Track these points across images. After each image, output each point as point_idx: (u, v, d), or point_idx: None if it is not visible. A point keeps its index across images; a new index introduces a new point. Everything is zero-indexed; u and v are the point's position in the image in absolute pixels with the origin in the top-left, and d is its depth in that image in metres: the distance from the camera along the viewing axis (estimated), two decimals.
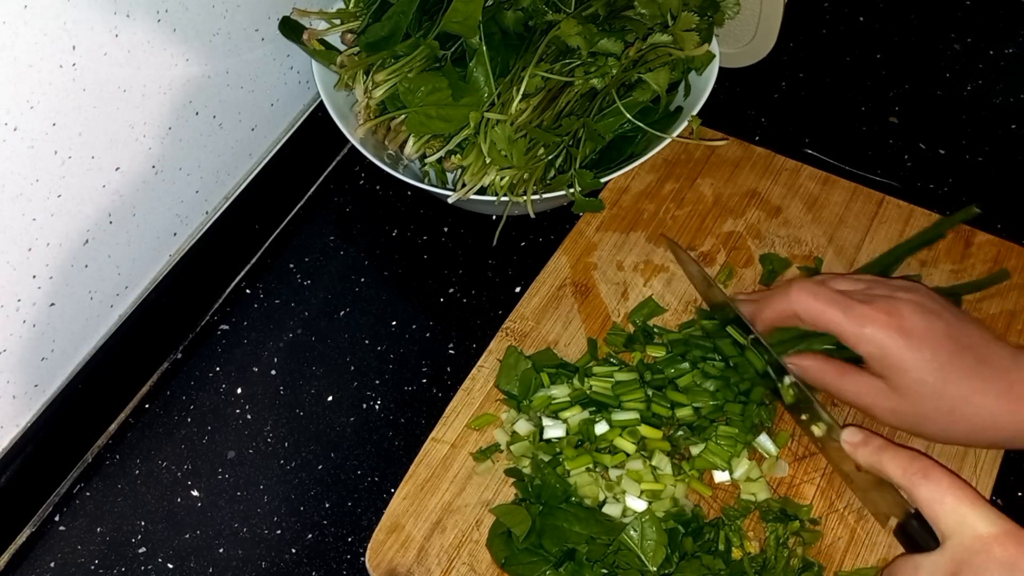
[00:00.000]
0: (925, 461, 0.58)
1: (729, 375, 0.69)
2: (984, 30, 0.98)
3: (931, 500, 0.56)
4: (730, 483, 0.67)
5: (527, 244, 0.85)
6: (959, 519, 0.55)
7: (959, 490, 0.56)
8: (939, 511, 0.56)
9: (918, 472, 0.58)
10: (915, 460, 0.59)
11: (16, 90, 0.60)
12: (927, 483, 0.57)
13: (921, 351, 0.61)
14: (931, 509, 0.57)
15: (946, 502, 0.56)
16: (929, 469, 0.57)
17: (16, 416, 0.72)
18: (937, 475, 0.57)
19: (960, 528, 0.55)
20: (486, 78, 0.77)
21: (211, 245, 0.82)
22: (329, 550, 0.71)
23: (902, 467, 0.59)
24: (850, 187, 0.82)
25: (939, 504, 0.56)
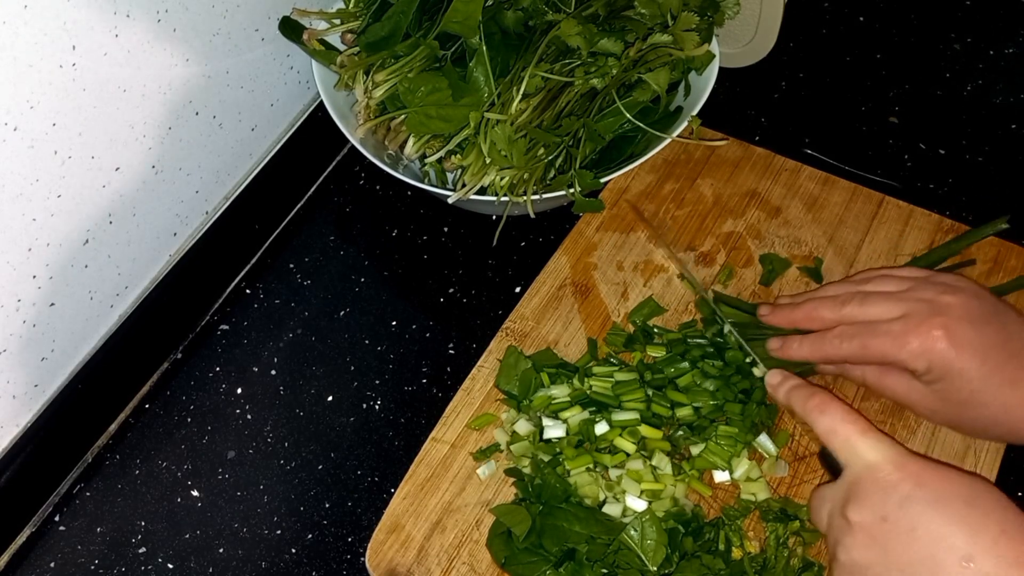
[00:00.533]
0: (824, 396, 0.60)
1: (728, 373, 0.70)
2: (984, 30, 0.98)
3: (827, 432, 0.59)
4: (730, 483, 0.67)
5: (527, 244, 0.85)
6: (851, 449, 0.57)
7: (852, 422, 0.58)
8: (834, 442, 0.58)
9: (816, 407, 0.59)
10: (814, 396, 0.60)
11: (16, 90, 0.60)
12: (823, 417, 0.59)
13: (970, 362, 0.61)
14: (828, 441, 0.59)
15: (839, 433, 0.58)
16: (826, 403, 0.59)
17: (16, 416, 0.72)
18: (832, 408, 0.59)
19: (852, 458, 0.57)
20: (486, 78, 0.77)
21: (211, 245, 0.82)
22: (329, 550, 0.71)
23: (803, 401, 0.61)
24: (850, 187, 0.82)
25: (834, 435, 0.58)
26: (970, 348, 0.61)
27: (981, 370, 0.61)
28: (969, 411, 0.63)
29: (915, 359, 0.62)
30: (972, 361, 0.61)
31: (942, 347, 0.61)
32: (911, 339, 0.62)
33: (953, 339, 0.61)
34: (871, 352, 0.64)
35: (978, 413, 0.62)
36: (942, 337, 0.61)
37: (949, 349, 0.61)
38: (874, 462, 0.56)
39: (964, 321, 0.62)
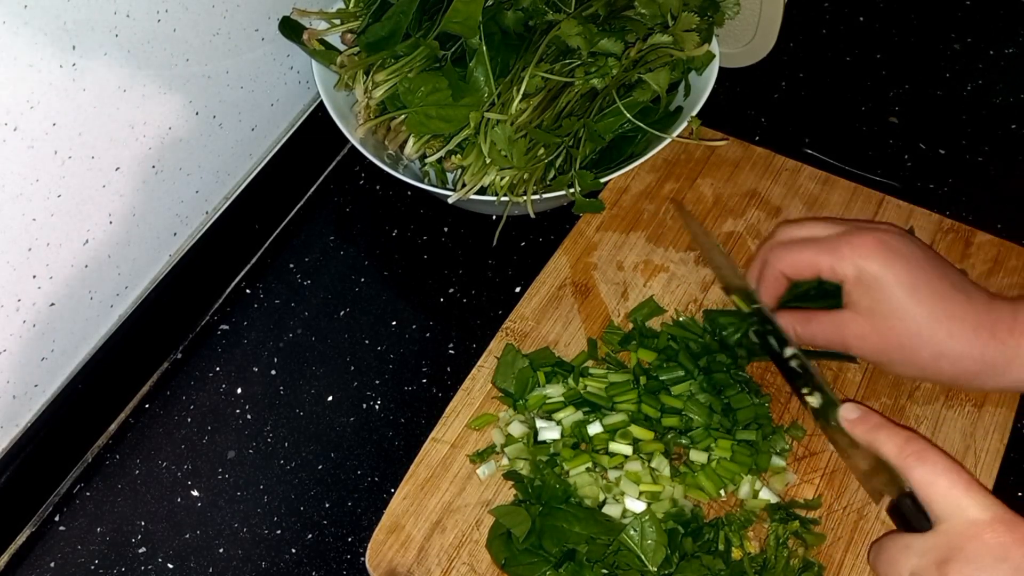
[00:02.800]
0: (922, 442, 0.58)
1: (722, 380, 0.69)
2: (984, 30, 0.98)
3: (925, 482, 0.56)
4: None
5: (527, 244, 0.85)
6: (953, 503, 0.55)
7: (954, 474, 0.56)
8: (933, 494, 0.56)
9: (913, 453, 0.57)
10: (912, 441, 0.58)
11: (16, 90, 0.60)
12: (922, 465, 0.57)
13: (896, 268, 0.62)
14: (925, 491, 0.56)
15: (940, 485, 0.56)
16: (925, 451, 0.57)
17: (16, 416, 0.72)
18: (933, 457, 0.57)
19: (953, 512, 0.55)
20: (486, 78, 0.77)
21: (211, 245, 0.82)
22: (329, 550, 0.71)
23: (898, 447, 0.58)
24: (850, 187, 0.82)
25: (933, 487, 0.56)
26: (901, 259, 0.62)
27: (910, 279, 0.61)
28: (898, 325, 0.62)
29: (846, 264, 0.63)
30: (902, 270, 0.61)
31: (873, 253, 0.62)
32: (842, 246, 0.63)
33: (885, 247, 0.62)
34: (803, 259, 0.65)
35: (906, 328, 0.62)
36: (874, 244, 0.62)
37: (880, 256, 0.62)
38: (982, 521, 0.53)
39: (896, 238, 0.63)
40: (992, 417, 0.70)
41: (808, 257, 0.65)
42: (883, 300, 0.62)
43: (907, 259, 0.62)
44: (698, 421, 0.67)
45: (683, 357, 0.70)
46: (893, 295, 0.62)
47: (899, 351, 0.63)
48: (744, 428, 0.67)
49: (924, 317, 0.61)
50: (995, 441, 0.69)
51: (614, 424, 0.67)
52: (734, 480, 0.66)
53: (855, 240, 0.63)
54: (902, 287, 0.61)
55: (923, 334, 0.62)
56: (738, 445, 0.66)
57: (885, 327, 0.62)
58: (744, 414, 0.67)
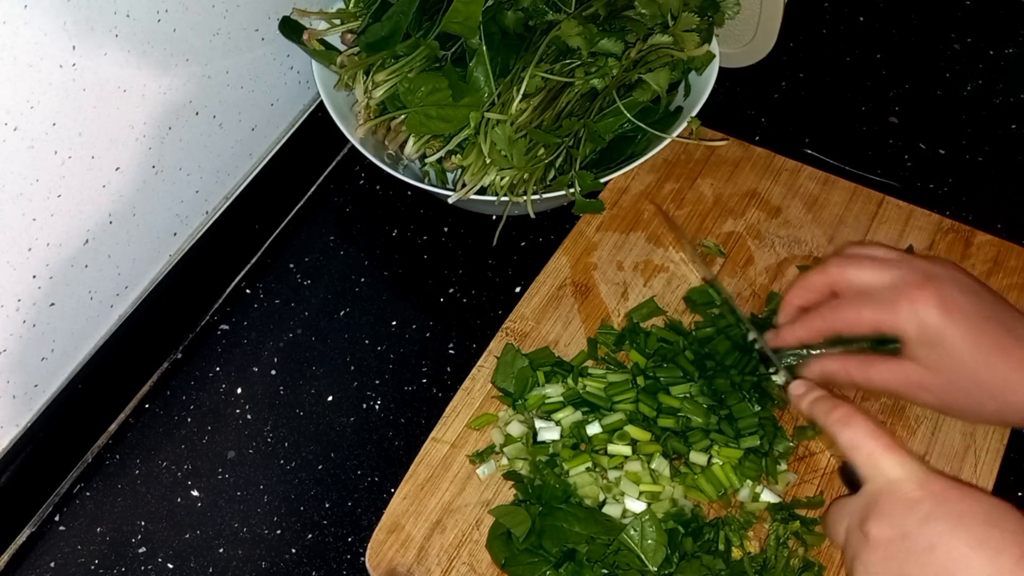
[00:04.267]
0: (848, 408, 0.59)
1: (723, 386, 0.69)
2: (984, 30, 0.98)
3: (851, 446, 0.58)
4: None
5: (527, 244, 0.85)
6: (873, 464, 0.57)
7: (876, 437, 0.57)
8: (857, 457, 0.58)
9: (840, 419, 0.59)
10: (838, 408, 0.60)
11: (16, 90, 0.60)
12: (847, 430, 0.58)
13: (959, 325, 0.61)
14: (851, 455, 0.58)
15: (863, 448, 0.57)
16: (850, 417, 0.59)
17: (16, 416, 0.72)
18: (857, 422, 0.58)
19: (874, 473, 0.56)
20: (486, 78, 0.77)
21: (211, 245, 0.82)
22: (329, 550, 0.71)
23: (826, 414, 0.60)
24: (850, 187, 0.82)
25: (857, 450, 0.58)
26: (960, 312, 0.61)
27: (972, 335, 0.61)
28: (961, 380, 0.62)
29: (906, 322, 0.62)
30: (963, 325, 0.61)
31: (933, 310, 0.61)
32: (902, 303, 0.62)
33: (944, 303, 0.61)
34: (863, 319, 0.64)
35: (969, 382, 0.62)
36: (933, 301, 0.61)
37: (940, 312, 0.61)
38: (897, 479, 0.55)
39: (955, 288, 0.62)
40: None
41: (866, 317, 0.64)
42: (948, 358, 0.62)
43: (968, 312, 0.61)
44: (696, 422, 0.67)
45: (682, 359, 0.70)
46: (957, 353, 0.61)
47: (966, 404, 0.63)
48: (748, 435, 0.67)
49: (991, 373, 0.61)
50: (995, 441, 0.69)
51: (612, 424, 0.67)
52: (734, 485, 0.66)
53: (914, 296, 0.62)
54: (966, 344, 0.61)
55: (991, 388, 0.62)
56: (746, 458, 0.66)
57: (950, 383, 0.62)
58: (746, 423, 0.67)
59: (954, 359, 0.61)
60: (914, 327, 0.62)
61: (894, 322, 0.62)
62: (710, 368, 0.70)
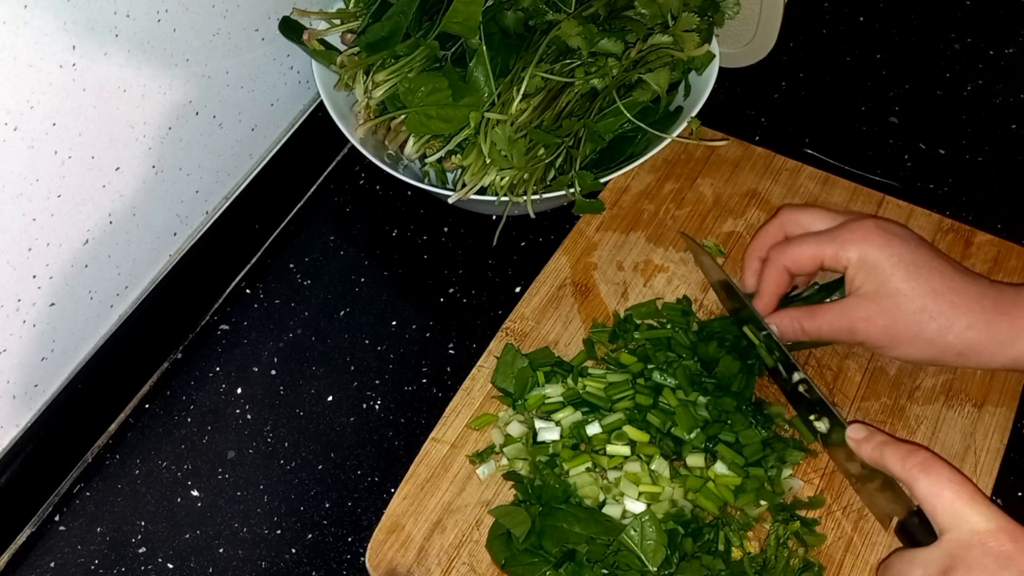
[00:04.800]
0: (925, 454, 0.58)
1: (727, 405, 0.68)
2: (984, 30, 0.98)
3: (929, 494, 0.56)
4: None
5: (527, 244, 0.85)
6: (956, 513, 0.55)
7: (958, 485, 0.56)
8: (936, 505, 0.56)
9: (917, 465, 0.57)
10: (915, 453, 0.58)
11: (16, 90, 0.60)
12: (926, 477, 0.57)
13: (897, 248, 0.64)
14: (929, 503, 0.56)
15: (944, 496, 0.56)
16: (929, 463, 0.57)
17: (16, 416, 0.72)
18: (936, 469, 0.57)
19: (956, 523, 0.55)
20: (486, 78, 0.77)
21: (211, 245, 0.82)
22: (329, 550, 0.71)
23: (901, 460, 0.59)
24: (850, 187, 0.82)
25: (937, 498, 0.56)
26: (899, 240, 0.65)
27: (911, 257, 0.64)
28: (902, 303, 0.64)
29: (847, 249, 0.65)
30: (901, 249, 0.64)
31: (873, 236, 0.64)
32: (843, 233, 0.66)
33: (883, 231, 0.65)
34: (806, 251, 0.67)
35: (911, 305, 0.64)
36: (873, 229, 0.65)
37: (879, 238, 0.64)
38: (985, 530, 0.54)
39: (893, 224, 0.66)
40: (992, 417, 0.70)
41: (810, 250, 0.67)
42: (887, 280, 0.64)
43: (906, 240, 0.65)
44: (679, 431, 0.66)
45: (677, 341, 0.70)
46: (896, 274, 0.64)
47: (906, 328, 0.64)
48: (754, 464, 0.66)
49: (928, 292, 0.63)
50: (995, 441, 0.69)
51: (612, 424, 0.67)
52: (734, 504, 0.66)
53: (855, 227, 0.66)
54: (905, 265, 0.64)
55: (929, 308, 0.63)
56: (748, 479, 0.66)
57: (891, 305, 0.64)
58: (751, 450, 0.66)
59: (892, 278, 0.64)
60: (856, 252, 0.65)
61: (836, 250, 0.65)
62: (710, 385, 0.69)
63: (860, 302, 0.65)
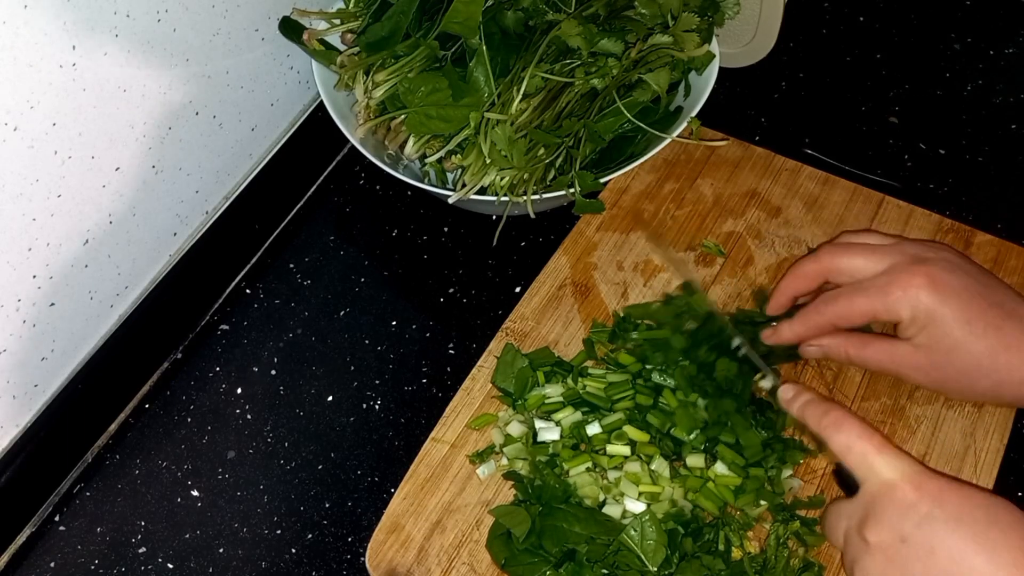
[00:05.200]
0: (840, 412, 0.59)
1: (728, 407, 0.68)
2: (984, 30, 0.98)
3: (843, 449, 0.58)
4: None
5: (527, 244, 0.85)
6: (867, 466, 0.56)
7: (867, 439, 0.57)
8: (850, 459, 0.57)
9: (831, 423, 0.59)
10: (830, 411, 0.59)
11: (16, 90, 0.60)
12: (838, 433, 0.58)
13: (950, 304, 0.62)
14: (844, 458, 0.58)
15: (855, 450, 0.57)
16: (842, 419, 0.58)
17: (16, 416, 0.72)
18: (848, 424, 0.58)
19: (868, 474, 0.56)
20: (486, 78, 0.77)
21: (211, 245, 0.82)
22: (329, 550, 0.71)
23: (817, 418, 0.60)
24: (850, 187, 0.82)
25: (849, 452, 0.57)
26: (953, 293, 0.62)
27: (965, 314, 0.61)
28: (954, 359, 0.62)
29: (899, 306, 0.63)
30: (953, 304, 0.62)
31: (926, 292, 0.62)
32: (894, 288, 0.63)
33: (936, 285, 0.62)
34: (856, 308, 0.64)
35: (962, 361, 0.62)
36: (925, 283, 0.62)
37: (932, 294, 0.62)
38: (892, 480, 0.55)
39: (946, 270, 0.63)
40: (992, 417, 0.70)
41: (859, 307, 0.64)
42: (941, 337, 0.62)
43: (959, 293, 0.62)
44: (678, 432, 0.66)
45: (678, 375, 0.69)
46: (950, 332, 0.62)
47: (958, 383, 0.64)
48: (754, 464, 0.66)
49: (983, 351, 0.62)
50: (995, 441, 0.69)
51: (612, 424, 0.67)
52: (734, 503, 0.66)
53: (905, 281, 0.63)
54: (958, 323, 0.62)
55: (983, 366, 0.62)
56: (748, 479, 0.66)
57: (944, 362, 0.63)
58: (752, 452, 0.66)
59: (946, 337, 0.62)
60: (907, 311, 0.62)
61: (888, 308, 0.63)
62: (710, 388, 0.69)
63: (913, 352, 0.64)
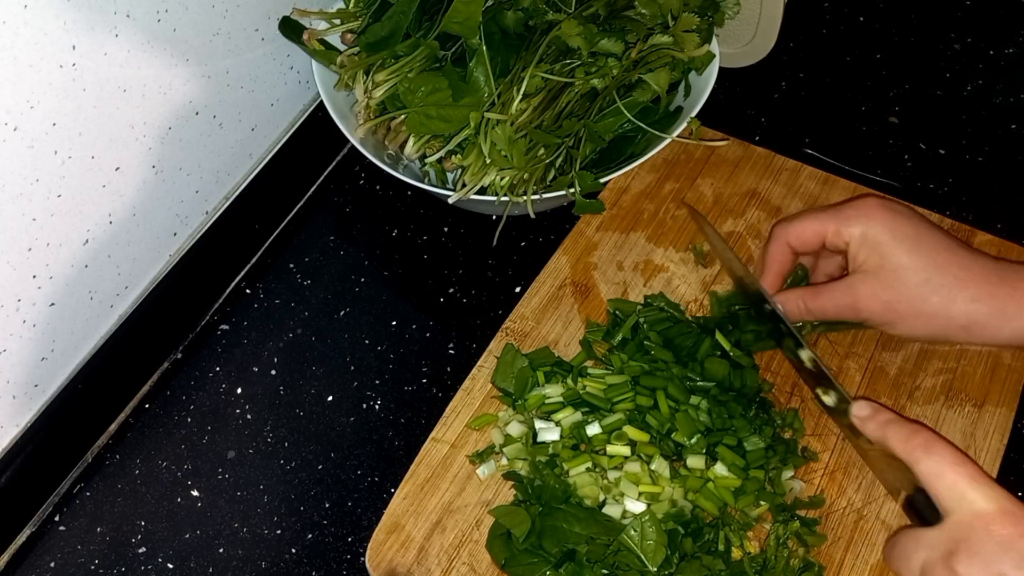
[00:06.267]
0: (928, 435, 0.58)
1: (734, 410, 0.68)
2: (984, 30, 0.98)
3: (932, 474, 0.56)
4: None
5: (527, 244, 0.85)
6: (958, 495, 0.55)
7: (960, 466, 0.55)
8: (939, 486, 0.56)
9: (920, 446, 0.57)
10: (918, 433, 0.58)
11: (16, 90, 0.60)
12: (928, 457, 0.57)
13: (900, 222, 0.64)
14: (932, 484, 0.56)
15: (946, 477, 0.55)
16: (931, 443, 0.57)
17: (16, 416, 0.72)
18: (939, 449, 0.57)
19: (959, 504, 0.55)
20: (486, 78, 0.77)
21: (211, 245, 0.82)
22: (329, 550, 0.71)
23: (904, 440, 0.58)
24: (850, 187, 0.82)
25: (939, 479, 0.56)
26: (902, 216, 0.65)
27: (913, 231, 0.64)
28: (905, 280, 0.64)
29: (849, 225, 0.65)
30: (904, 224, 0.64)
31: (876, 212, 0.65)
32: (845, 209, 0.66)
33: (885, 208, 0.65)
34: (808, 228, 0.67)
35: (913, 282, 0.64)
36: (876, 205, 0.65)
37: (882, 214, 0.64)
38: (988, 512, 0.53)
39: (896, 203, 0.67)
40: (992, 417, 0.70)
41: (812, 225, 0.67)
42: (890, 255, 0.64)
43: (909, 217, 0.65)
44: (679, 436, 0.66)
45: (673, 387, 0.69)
46: (899, 248, 0.64)
47: (909, 303, 0.64)
48: (756, 467, 0.66)
49: (931, 266, 0.63)
50: (995, 441, 0.69)
51: (612, 424, 0.67)
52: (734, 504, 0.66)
53: (858, 203, 0.66)
54: (907, 240, 0.64)
55: (932, 281, 0.63)
56: (748, 480, 0.66)
57: (894, 279, 0.64)
58: (754, 455, 0.66)
59: (897, 257, 0.64)
60: (858, 230, 0.65)
61: (839, 225, 0.66)
62: (715, 390, 0.69)
63: (863, 278, 0.65)
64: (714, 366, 0.69)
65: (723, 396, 0.68)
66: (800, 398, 0.71)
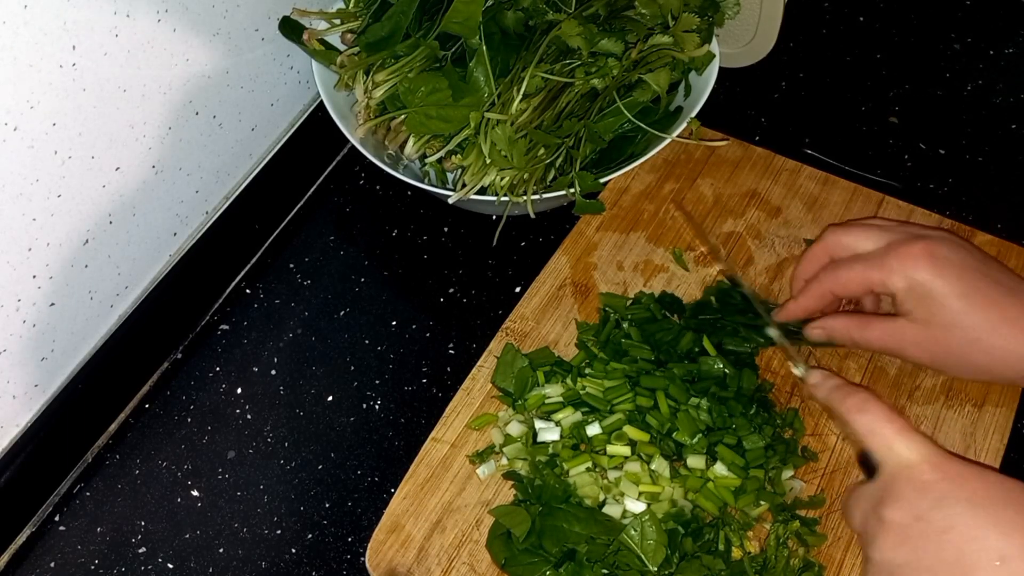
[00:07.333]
0: (864, 395, 0.59)
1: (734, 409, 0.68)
2: (984, 30, 0.98)
3: (866, 431, 0.58)
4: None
5: (527, 244, 0.85)
6: (887, 447, 0.57)
7: (889, 422, 0.57)
8: (872, 442, 0.58)
9: (855, 406, 0.59)
10: (854, 394, 0.60)
11: (16, 90, 0.60)
12: (863, 415, 0.58)
13: (947, 277, 0.62)
14: (867, 440, 0.58)
15: (878, 432, 0.57)
16: (866, 402, 0.59)
17: (16, 416, 0.72)
18: (872, 407, 0.58)
19: (888, 456, 0.57)
20: (486, 78, 0.77)
21: (211, 245, 0.82)
22: (329, 550, 0.71)
23: (842, 401, 0.60)
24: (850, 187, 0.82)
25: (872, 435, 0.58)
26: (950, 266, 0.62)
27: (960, 287, 0.62)
28: (952, 332, 0.63)
29: (896, 277, 0.63)
30: (951, 278, 0.62)
31: (923, 263, 0.62)
32: (891, 258, 0.64)
33: (933, 257, 0.62)
34: (854, 275, 0.65)
35: (960, 335, 0.62)
36: (922, 255, 0.62)
37: (929, 266, 0.62)
38: (911, 461, 0.56)
39: (944, 245, 0.63)
40: (992, 417, 0.70)
41: (857, 275, 0.65)
42: (938, 310, 0.62)
43: (957, 266, 0.62)
44: (680, 435, 0.66)
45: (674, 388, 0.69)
46: (947, 304, 0.62)
47: (957, 357, 0.64)
48: (756, 467, 0.66)
49: (981, 324, 0.62)
50: (995, 441, 0.69)
51: (612, 425, 0.67)
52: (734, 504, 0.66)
53: (902, 252, 0.63)
54: (955, 296, 0.62)
55: (982, 340, 0.62)
56: (748, 480, 0.66)
57: (942, 335, 0.63)
58: (753, 455, 0.66)
59: (943, 309, 0.62)
60: (904, 281, 0.63)
61: (884, 277, 0.64)
62: (716, 389, 0.69)
63: (912, 328, 0.64)
64: (706, 364, 0.69)
65: (724, 394, 0.68)
66: (800, 398, 0.71)
